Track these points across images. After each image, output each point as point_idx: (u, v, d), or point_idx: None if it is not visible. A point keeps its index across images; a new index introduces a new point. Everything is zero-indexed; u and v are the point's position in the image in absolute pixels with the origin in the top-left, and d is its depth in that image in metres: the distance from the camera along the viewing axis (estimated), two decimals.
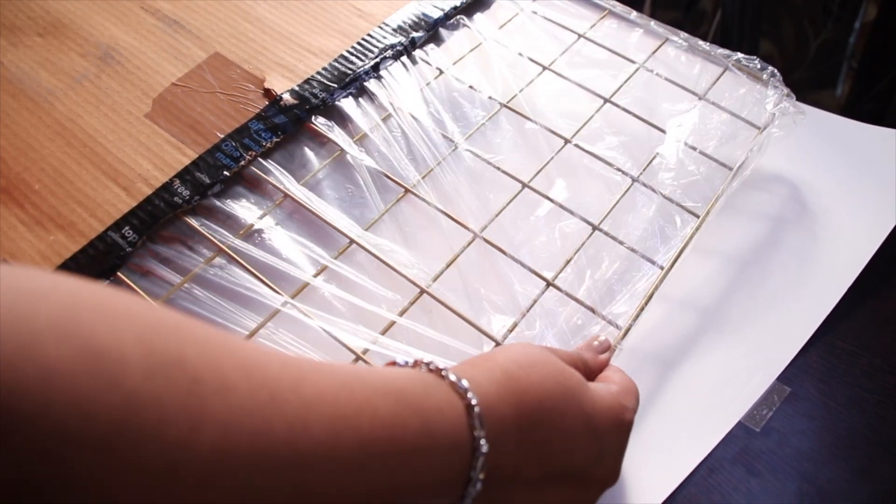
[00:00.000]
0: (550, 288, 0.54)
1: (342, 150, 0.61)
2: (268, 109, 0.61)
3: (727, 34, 1.08)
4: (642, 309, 0.54)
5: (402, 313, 0.52)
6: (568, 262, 0.56)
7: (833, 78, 1.30)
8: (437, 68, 0.66)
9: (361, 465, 0.29)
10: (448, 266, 0.54)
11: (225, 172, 0.56)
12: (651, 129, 0.64)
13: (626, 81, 0.66)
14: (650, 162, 0.62)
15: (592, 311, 0.53)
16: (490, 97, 0.65)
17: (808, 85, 1.35)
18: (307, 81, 0.64)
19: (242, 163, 0.57)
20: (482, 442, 0.33)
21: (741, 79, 0.69)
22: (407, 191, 0.58)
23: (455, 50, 0.68)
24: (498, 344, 0.51)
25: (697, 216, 0.59)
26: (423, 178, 0.59)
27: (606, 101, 0.65)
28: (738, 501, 0.51)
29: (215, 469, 0.25)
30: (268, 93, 0.63)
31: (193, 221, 0.55)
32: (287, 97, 0.62)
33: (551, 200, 0.59)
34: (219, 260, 0.54)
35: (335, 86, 0.64)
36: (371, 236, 0.56)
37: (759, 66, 0.69)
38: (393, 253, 0.55)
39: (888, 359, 0.57)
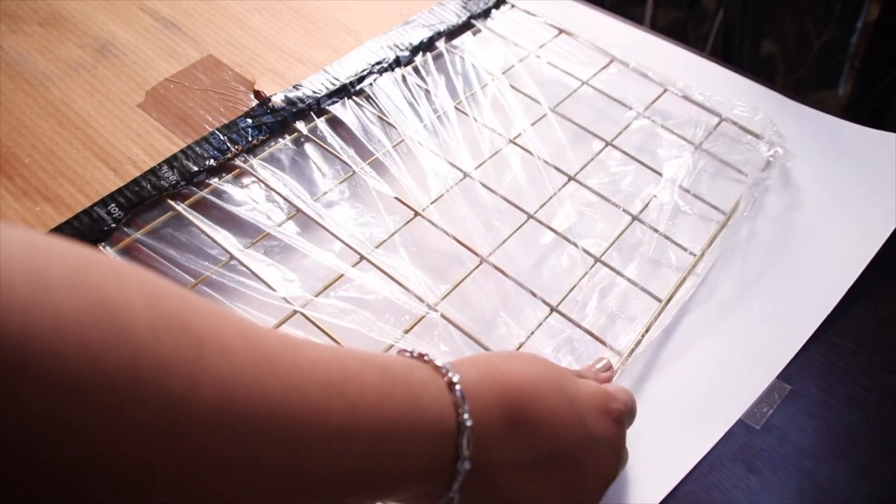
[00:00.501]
0: (554, 313, 0.57)
1: (354, 171, 0.64)
2: (256, 109, 0.64)
3: (729, 34, 1.11)
4: (643, 337, 0.57)
5: (408, 330, 0.54)
6: (571, 289, 0.59)
7: (835, 77, 1.33)
8: (452, 103, 0.70)
9: (350, 431, 0.30)
10: (455, 287, 0.57)
11: (211, 162, 0.60)
12: (649, 171, 0.68)
13: (625, 128, 0.71)
14: (648, 203, 0.66)
15: (601, 341, 0.56)
16: (498, 133, 0.69)
17: (810, 84, 1.37)
18: (296, 87, 0.67)
19: (229, 155, 0.60)
20: (466, 416, 0.34)
21: (734, 127, 0.74)
22: (417, 214, 0.61)
23: (464, 85, 0.73)
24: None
25: (693, 254, 0.62)
26: (432, 203, 0.62)
27: (608, 144, 0.70)
28: (738, 498, 0.51)
29: (215, 425, 0.26)
30: (258, 94, 0.66)
31: (204, 226, 0.58)
32: (276, 100, 0.65)
33: (556, 232, 0.62)
34: (231, 265, 0.57)
35: (322, 93, 0.67)
36: (381, 253, 0.58)
37: (752, 116, 0.73)
38: (401, 271, 0.58)
39: (888, 357, 0.58)
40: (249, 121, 0.63)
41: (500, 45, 0.77)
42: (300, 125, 0.65)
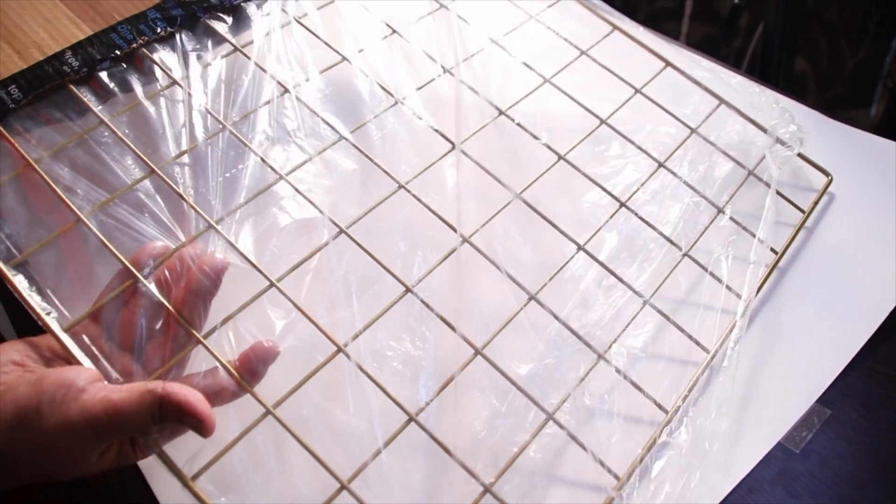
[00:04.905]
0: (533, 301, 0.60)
1: (288, 90, 0.66)
2: (167, 2, 0.68)
3: (767, 51, 1.20)
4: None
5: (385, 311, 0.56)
6: (550, 278, 0.60)
7: (868, 97, 1.45)
8: (441, 66, 0.72)
9: None
10: (431, 270, 0.59)
11: (116, 51, 0.65)
12: (643, 155, 0.70)
13: (621, 105, 0.74)
14: (636, 190, 0.68)
15: (588, 344, 0.58)
16: (489, 101, 0.71)
17: (842, 103, 1.49)
18: None
19: (134, 45, 0.65)
20: None
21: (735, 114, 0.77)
22: (401, 186, 0.63)
23: (460, 48, 0.74)
24: (477, 352, 0.55)
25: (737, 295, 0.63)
26: (416, 176, 0.64)
27: (602, 122, 0.72)
28: None
29: None
30: None
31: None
32: None
33: (542, 216, 0.64)
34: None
35: None
36: (358, 228, 0.60)
37: (756, 102, 0.76)
38: (380, 247, 0.59)
39: None
40: (158, 13, 0.67)
41: (501, 3, 0.79)
42: (216, 24, 0.68)
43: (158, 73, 0.65)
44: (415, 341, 0.57)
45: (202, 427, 0.46)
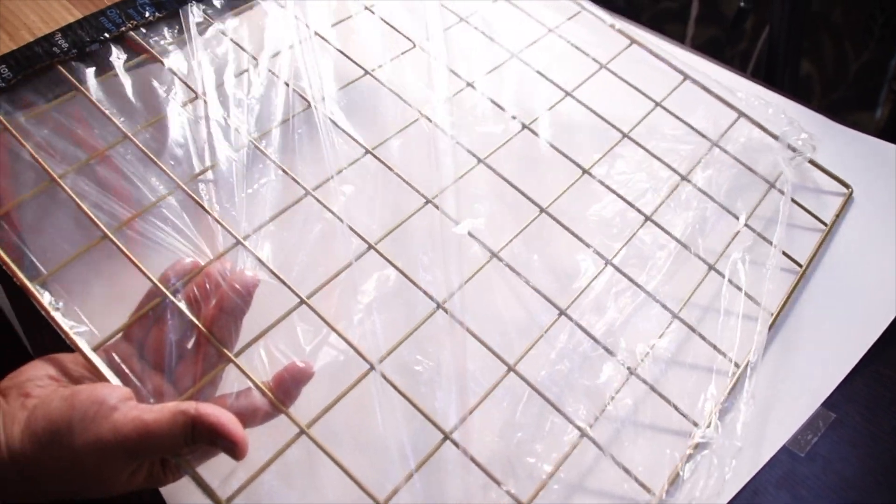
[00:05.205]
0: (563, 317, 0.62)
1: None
2: None
3: (772, 55, 1.23)
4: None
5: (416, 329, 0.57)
6: (580, 293, 0.62)
7: (873, 100, 1.48)
8: (467, 82, 0.74)
9: None
10: (462, 286, 0.60)
11: (105, 34, 0.68)
12: (664, 167, 0.72)
13: (640, 122, 0.75)
14: (663, 201, 0.69)
15: (608, 350, 0.60)
16: (513, 116, 0.72)
17: (848, 105, 1.52)
18: None
19: (123, 28, 0.69)
20: None
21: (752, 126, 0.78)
22: (428, 201, 0.64)
23: (481, 61, 0.76)
24: (510, 368, 0.56)
25: (756, 303, 0.65)
26: (441, 192, 0.65)
27: (625, 135, 0.74)
28: None
29: None
30: None
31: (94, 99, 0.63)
32: None
33: (570, 231, 0.65)
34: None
35: None
36: (383, 243, 0.61)
37: (766, 112, 0.78)
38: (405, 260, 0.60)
39: None
40: None
41: (519, 17, 0.81)
42: (230, 31, 0.70)
43: (178, 84, 0.65)
44: (442, 355, 0.57)
45: (235, 449, 0.46)
